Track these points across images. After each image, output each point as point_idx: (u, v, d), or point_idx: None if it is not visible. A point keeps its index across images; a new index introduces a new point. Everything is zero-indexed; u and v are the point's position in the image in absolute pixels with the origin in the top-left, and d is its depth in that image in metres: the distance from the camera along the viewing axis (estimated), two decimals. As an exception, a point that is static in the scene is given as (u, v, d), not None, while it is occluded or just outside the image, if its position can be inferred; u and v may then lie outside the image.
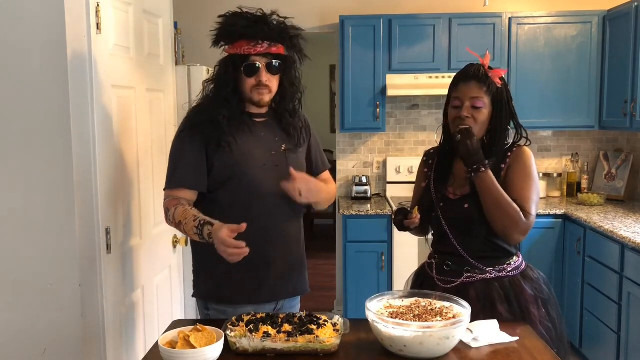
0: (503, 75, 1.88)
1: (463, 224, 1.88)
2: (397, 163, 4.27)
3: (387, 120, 4.30)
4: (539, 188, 1.89)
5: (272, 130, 1.92)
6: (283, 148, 1.90)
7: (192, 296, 1.98)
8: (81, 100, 1.95)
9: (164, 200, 1.88)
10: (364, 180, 4.25)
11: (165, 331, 1.57)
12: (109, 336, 2.12)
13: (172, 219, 1.81)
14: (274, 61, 1.82)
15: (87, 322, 1.99)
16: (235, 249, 1.60)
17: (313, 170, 2.02)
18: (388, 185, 4.32)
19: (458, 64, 3.89)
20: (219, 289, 1.87)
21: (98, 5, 2.01)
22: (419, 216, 1.84)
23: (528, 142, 1.92)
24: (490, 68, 1.86)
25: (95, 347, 2.05)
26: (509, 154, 1.88)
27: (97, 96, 2.02)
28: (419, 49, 3.91)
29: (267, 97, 1.86)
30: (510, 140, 1.92)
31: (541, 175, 4.22)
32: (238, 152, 1.82)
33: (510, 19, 3.89)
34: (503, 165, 1.87)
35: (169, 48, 2.80)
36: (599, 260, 3.20)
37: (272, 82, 1.85)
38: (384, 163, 4.37)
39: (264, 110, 1.92)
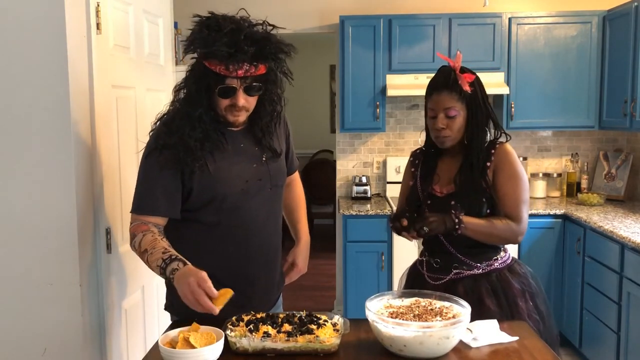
0: (475, 79, 1.90)
1: None
2: (397, 163, 4.27)
3: (387, 120, 4.29)
4: (527, 185, 1.93)
5: (251, 138, 1.76)
6: (264, 158, 1.77)
7: (165, 309, 1.86)
8: (81, 100, 1.95)
9: (131, 224, 1.69)
10: (364, 180, 4.25)
11: (165, 331, 1.57)
12: (109, 336, 2.12)
13: (137, 246, 1.63)
14: (253, 83, 1.63)
15: (87, 322, 2.00)
16: (206, 304, 1.45)
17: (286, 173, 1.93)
18: (388, 185, 4.32)
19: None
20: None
21: (98, 5, 2.01)
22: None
23: (508, 138, 1.96)
24: (463, 70, 1.88)
25: (96, 347, 2.05)
26: (493, 151, 1.91)
27: (97, 96, 2.03)
28: (418, 49, 3.91)
29: (242, 118, 1.70)
30: (490, 138, 1.95)
31: (541, 175, 4.22)
32: (217, 173, 1.68)
33: (510, 19, 3.89)
34: (489, 164, 1.90)
35: (169, 48, 2.80)
36: (599, 260, 3.20)
37: (250, 103, 1.67)
38: (384, 163, 4.37)
39: None
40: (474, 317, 1.64)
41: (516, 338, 1.58)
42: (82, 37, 1.95)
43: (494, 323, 1.62)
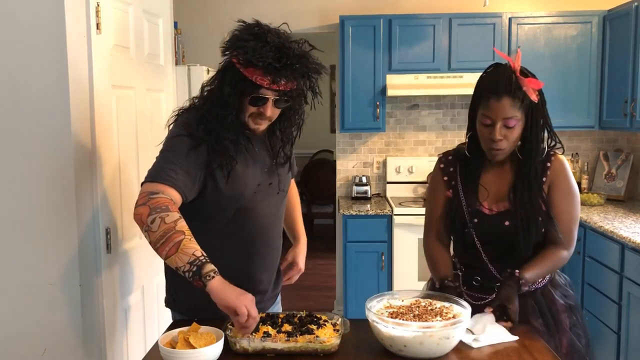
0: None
1: (503, 243, 1.75)
2: (397, 163, 4.27)
3: (387, 120, 4.30)
4: (579, 201, 1.80)
5: (264, 143, 1.79)
6: (275, 163, 1.80)
7: (166, 306, 1.87)
8: (81, 100, 1.95)
9: (149, 194, 1.53)
10: (364, 180, 4.25)
11: (165, 331, 1.57)
12: (109, 336, 2.12)
13: (166, 220, 1.47)
14: (284, 97, 1.66)
15: (87, 322, 1.99)
16: (248, 326, 1.47)
17: None
18: (388, 185, 4.32)
19: (458, 63, 3.89)
20: (204, 306, 1.55)
21: (98, 5, 2.01)
22: None
23: (562, 150, 1.78)
24: (523, 72, 1.67)
25: (95, 347, 2.04)
26: (548, 164, 1.75)
27: (97, 96, 2.03)
28: (419, 49, 3.91)
29: (263, 127, 1.71)
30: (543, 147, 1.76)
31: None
32: (235, 177, 1.68)
33: (510, 19, 3.89)
34: (544, 179, 1.74)
35: (169, 48, 2.80)
36: (599, 260, 3.20)
37: (275, 114, 1.69)
38: (384, 163, 4.37)
39: None
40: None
41: (516, 338, 1.58)
42: (82, 37, 1.95)
43: (491, 318, 1.61)
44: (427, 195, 1.96)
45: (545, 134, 1.75)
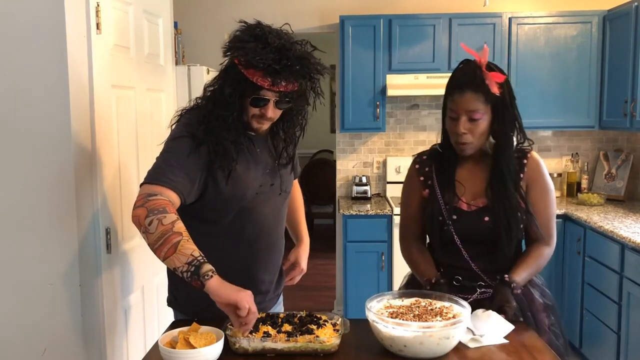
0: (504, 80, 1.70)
1: (484, 239, 1.76)
2: (397, 163, 4.27)
3: (387, 120, 4.30)
4: (555, 198, 1.83)
5: (266, 144, 1.79)
6: (277, 164, 1.80)
7: (168, 305, 1.86)
8: (81, 100, 1.95)
9: (147, 196, 1.52)
10: (364, 180, 4.25)
11: (165, 331, 1.57)
12: (109, 336, 2.12)
13: (164, 222, 1.47)
14: (285, 98, 1.65)
15: (87, 322, 2.00)
16: (248, 322, 1.46)
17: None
18: (388, 185, 4.32)
19: (458, 63, 3.88)
20: (206, 305, 1.53)
21: (98, 5, 2.01)
22: None
23: (532, 145, 1.81)
24: (490, 67, 1.70)
25: (95, 347, 2.05)
26: (525, 161, 1.78)
27: (97, 96, 2.03)
28: (419, 49, 3.91)
29: (265, 127, 1.71)
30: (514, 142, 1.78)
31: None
32: (236, 178, 1.68)
33: (510, 19, 3.89)
34: (522, 175, 1.77)
35: (169, 48, 2.80)
36: (599, 260, 3.20)
37: (276, 114, 1.69)
38: (384, 163, 4.37)
39: None
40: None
41: (512, 327, 1.58)
42: (82, 37, 1.95)
43: (487, 314, 1.61)
44: (402, 197, 1.95)
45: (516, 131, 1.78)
